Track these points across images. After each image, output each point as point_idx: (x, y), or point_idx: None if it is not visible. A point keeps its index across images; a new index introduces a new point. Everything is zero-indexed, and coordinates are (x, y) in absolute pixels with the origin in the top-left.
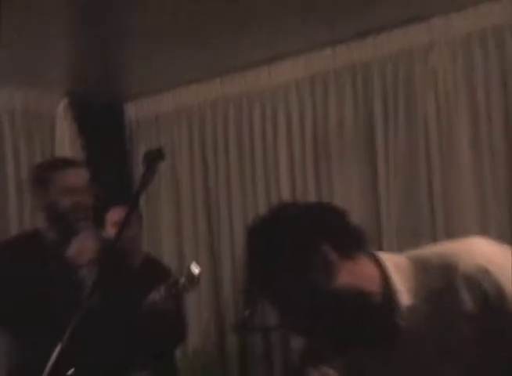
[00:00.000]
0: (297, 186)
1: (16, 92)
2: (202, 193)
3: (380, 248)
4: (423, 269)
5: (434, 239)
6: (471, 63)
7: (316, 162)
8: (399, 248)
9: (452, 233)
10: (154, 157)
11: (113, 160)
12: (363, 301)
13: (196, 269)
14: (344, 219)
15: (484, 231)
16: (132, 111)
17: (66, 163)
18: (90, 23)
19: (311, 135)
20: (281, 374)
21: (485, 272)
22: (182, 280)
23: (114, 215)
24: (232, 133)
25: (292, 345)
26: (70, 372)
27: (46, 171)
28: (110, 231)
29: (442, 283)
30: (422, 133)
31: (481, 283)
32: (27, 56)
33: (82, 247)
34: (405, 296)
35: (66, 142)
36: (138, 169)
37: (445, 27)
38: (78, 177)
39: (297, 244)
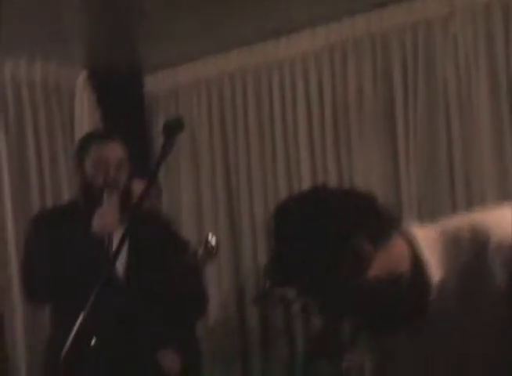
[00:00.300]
0: (317, 157)
1: (36, 65)
2: (221, 165)
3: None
4: (453, 243)
5: (455, 208)
6: (492, 31)
7: (335, 132)
8: (420, 219)
9: (472, 203)
10: (174, 127)
11: (132, 132)
12: (394, 284)
13: (213, 239)
14: (378, 208)
15: (503, 198)
16: (151, 83)
17: (100, 137)
18: None
19: (331, 105)
20: (302, 345)
21: None
22: (200, 251)
23: (135, 186)
24: (251, 104)
25: (313, 317)
26: (92, 342)
27: (82, 145)
28: None
29: (473, 256)
30: (442, 102)
31: None
32: (46, 28)
33: (104, 220)
34: (434, 271)
35: (85, 114)
36: (158, 141)
37: None
38: (111, 152)
39: (330, 233)
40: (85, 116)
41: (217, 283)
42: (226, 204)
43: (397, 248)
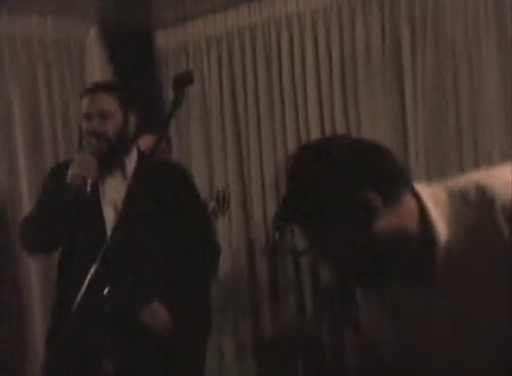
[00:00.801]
0: (325, 111)
1: (47, 21)
2: (231, 119)
3: None
4: (461, 202)
5: (461, 161)
6: None
7: (343, 87)
8: (427, 175)
9: (479, 155)
10: (183, 80)
11: (142, 88)
12: (402, 241)
13: (223, 193)
14: (393, 166)
15: (510, 151)
16: (162, 39)
17: (89, 89)
18: None
19: (339, 60)
20: (311, 298)
21: None
22: (212, 204)
23: (145, 142)
24: (261, 59)
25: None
26: (105, 291)
27: (81, 97)
28: None
29: (481, 215)
30: (450, 56)
31: None
32: None
33: (74, 171)
34: (443, 231)
35: (96, 70)
36: (168, 97)
37: None
38: (95, 103)
39: (341, 185)
40: (96, 71)
41: (227, 238)
42: (236, 159)
43: (406, 207)
